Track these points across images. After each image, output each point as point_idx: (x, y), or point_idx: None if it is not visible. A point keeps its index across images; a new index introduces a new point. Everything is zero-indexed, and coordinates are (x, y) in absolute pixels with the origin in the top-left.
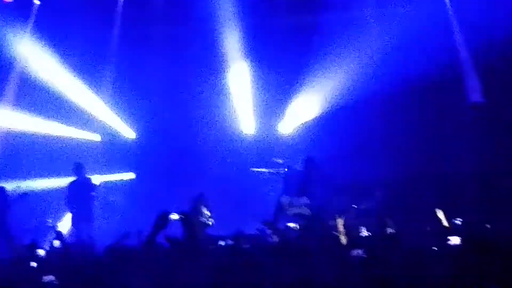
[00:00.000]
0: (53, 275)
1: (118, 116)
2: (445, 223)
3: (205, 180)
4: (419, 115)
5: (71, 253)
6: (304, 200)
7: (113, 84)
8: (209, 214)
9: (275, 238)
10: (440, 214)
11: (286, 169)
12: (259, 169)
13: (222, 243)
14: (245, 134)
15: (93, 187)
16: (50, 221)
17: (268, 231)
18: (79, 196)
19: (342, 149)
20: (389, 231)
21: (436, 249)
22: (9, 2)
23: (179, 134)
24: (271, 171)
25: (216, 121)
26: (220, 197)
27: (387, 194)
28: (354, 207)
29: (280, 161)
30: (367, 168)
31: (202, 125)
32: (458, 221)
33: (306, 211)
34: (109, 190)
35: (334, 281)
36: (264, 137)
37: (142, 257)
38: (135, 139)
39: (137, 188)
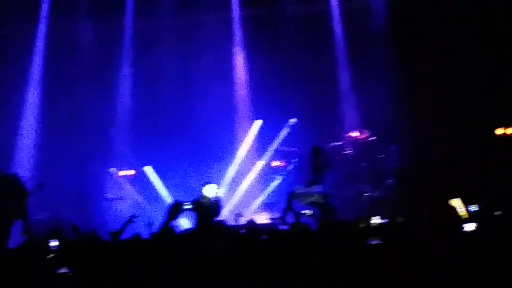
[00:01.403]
0: (68, 266)
1: None
2: (462, 210)
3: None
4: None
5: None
6: (318, 188)
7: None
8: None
9: (286, 227)
10: (458, 202)
11: (296, 160)
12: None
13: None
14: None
15: None
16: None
17: (279, 221)
18: None
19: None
20: (400, 220)
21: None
22: None
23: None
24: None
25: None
26: (232, 187)
27: (397, 182)
28: (365, 195)
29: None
30: (378, 156)
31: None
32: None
33: (320, 199)
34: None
35: (349, 270)
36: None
37: (156, 246)
38: None
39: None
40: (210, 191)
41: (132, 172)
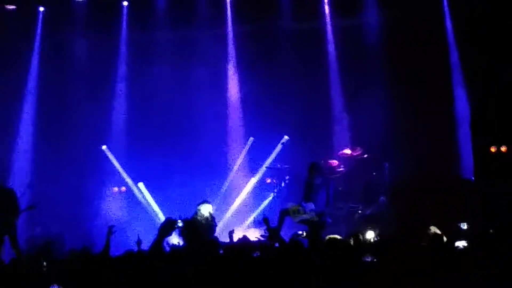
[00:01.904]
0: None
1: None
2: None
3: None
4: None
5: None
6: (310, 206)
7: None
8: (213, 219)
9: (276, 244)
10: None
11: (287, 177)
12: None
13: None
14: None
15: None
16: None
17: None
18: None
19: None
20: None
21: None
22: (12, 9)
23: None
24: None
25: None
26: (224, 203)
27: (389, 200)
28: (359, 212)
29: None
30: (372, 174)
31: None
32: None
33: (312, 217)
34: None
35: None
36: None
37: (149, 262)
38: None
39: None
40: (206, 209)
41: (123, 188)
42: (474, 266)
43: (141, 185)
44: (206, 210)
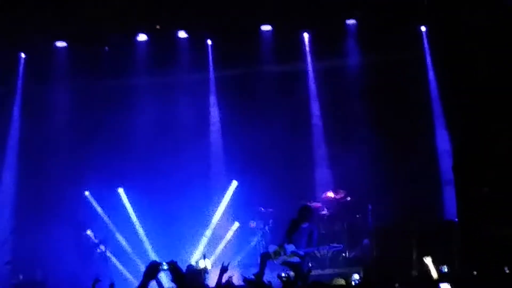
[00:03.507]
0: None
1: None
2: (433, 271)
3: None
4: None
5: None
6: (291, 247)
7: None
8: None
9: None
10: (429, 261)
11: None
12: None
13: None
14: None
15: None
16: None
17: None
18: None
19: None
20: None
21: None
22: None
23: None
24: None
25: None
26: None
27: (373, 242)
28: (343, 255)
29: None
30: (355, 217)
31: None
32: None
33: (294, 259)
34: None
35: None
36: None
37: None
38: None
39: None
40: (203, 263)
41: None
42: None
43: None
44: (203, 263)
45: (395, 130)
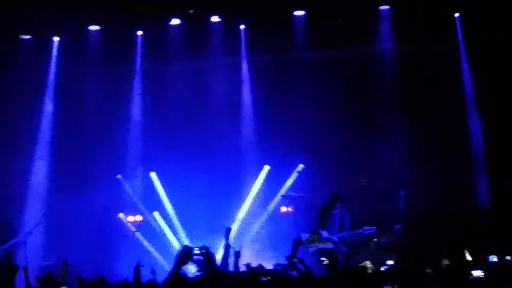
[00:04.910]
0: None
1: None
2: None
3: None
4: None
5: None
6: (325, 234)
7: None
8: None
9: (294, 272)
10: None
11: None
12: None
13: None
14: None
15: None
16: None
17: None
18: None
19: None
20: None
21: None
22: (28, 38)
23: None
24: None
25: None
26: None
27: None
28: (375, 240)
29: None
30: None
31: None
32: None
33: (328, 245)
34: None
35: None
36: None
37: None
38: None
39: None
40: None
41: (140, 217)
42: None
43: (156, 214)
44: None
45: (428, 117)
